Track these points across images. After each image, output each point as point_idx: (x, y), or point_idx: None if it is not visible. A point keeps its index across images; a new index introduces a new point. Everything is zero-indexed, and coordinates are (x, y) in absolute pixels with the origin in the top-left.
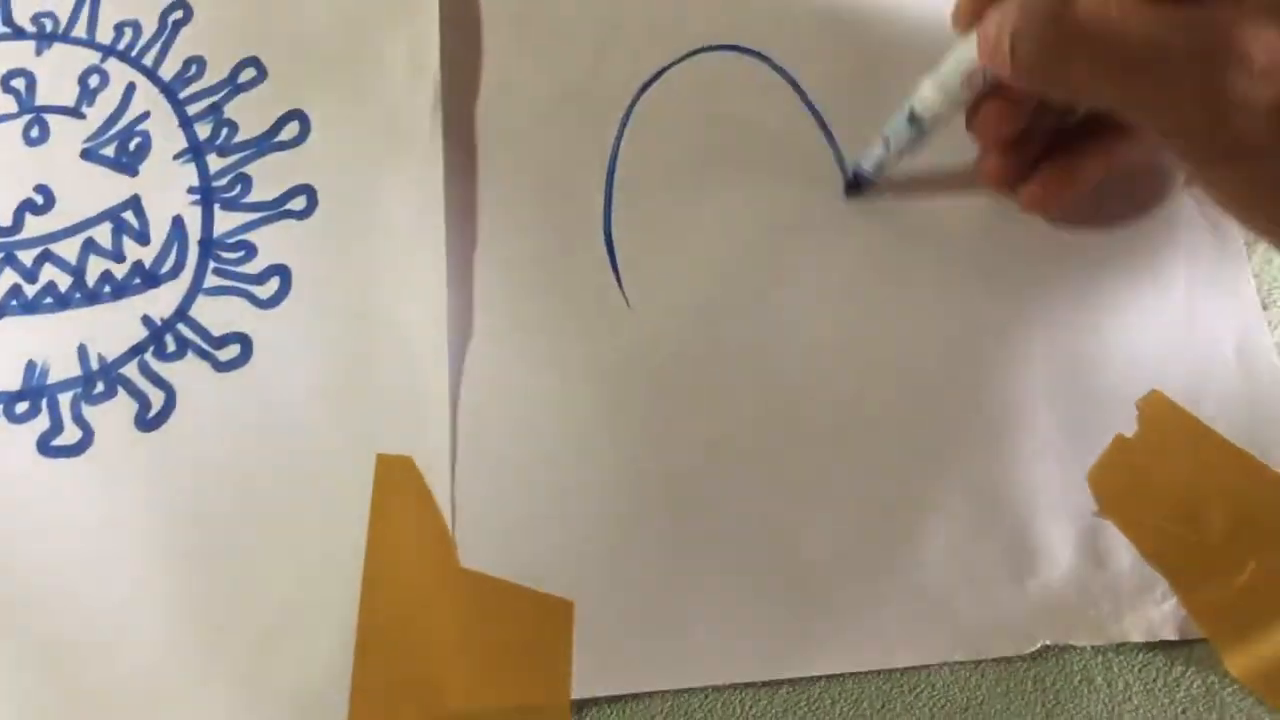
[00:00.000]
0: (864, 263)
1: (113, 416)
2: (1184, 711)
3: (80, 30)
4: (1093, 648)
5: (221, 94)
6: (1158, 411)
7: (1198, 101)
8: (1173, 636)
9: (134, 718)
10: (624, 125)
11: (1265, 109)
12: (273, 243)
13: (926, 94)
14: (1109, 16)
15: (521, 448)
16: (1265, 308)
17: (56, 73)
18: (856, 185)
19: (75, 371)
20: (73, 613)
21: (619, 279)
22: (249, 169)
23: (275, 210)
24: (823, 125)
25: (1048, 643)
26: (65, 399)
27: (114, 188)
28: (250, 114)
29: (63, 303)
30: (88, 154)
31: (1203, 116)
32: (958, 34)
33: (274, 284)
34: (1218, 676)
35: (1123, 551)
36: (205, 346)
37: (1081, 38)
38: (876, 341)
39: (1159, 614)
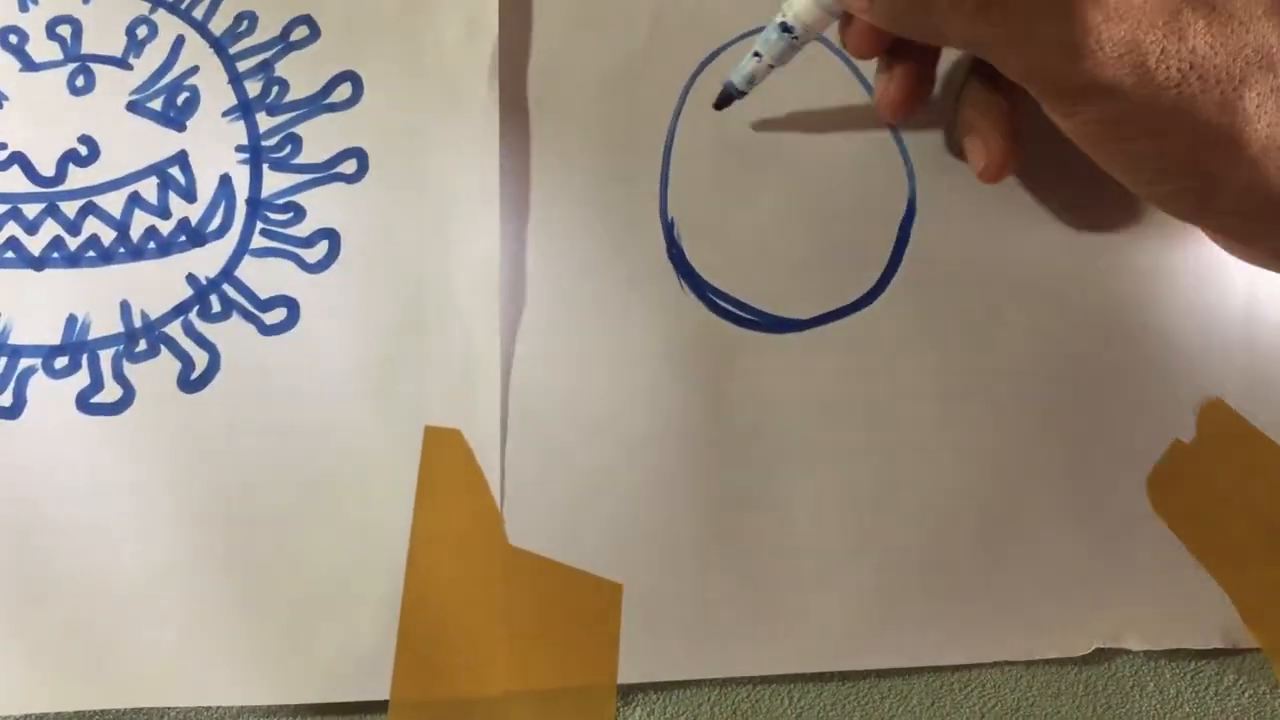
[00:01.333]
0: (926, 255)
1: (155, 375)
2: None
3: None
4: (1144, 653)
5: (273, 51)
6: (1217, 419)
7: (1054, 42)
8: (1225, 645)
9: (170, 681)
10: (682, 102)
11: (1117, 46)
12: (322, 205)
13: (798, 4)
14: None
15: (573, 425)
16: None
17: (104, 21)
18: (726, 99)
19: (117, 328)
20: (109, 573)
21: (673, 259)
22: (299, 129)
23: (325, 172)
24: None
25: (1100, 645)
26: (106, 356)
27: (160, 142)
28: (302, 73)
29: (106, 257)
30: (134, 106)
31: (1059, 56)
32: None
33: (322, 248)
34: (1269, 687)
35: (1179, 558)
36: (251, 308)
37: None
38: (941, 342)
39: (1213, 621)
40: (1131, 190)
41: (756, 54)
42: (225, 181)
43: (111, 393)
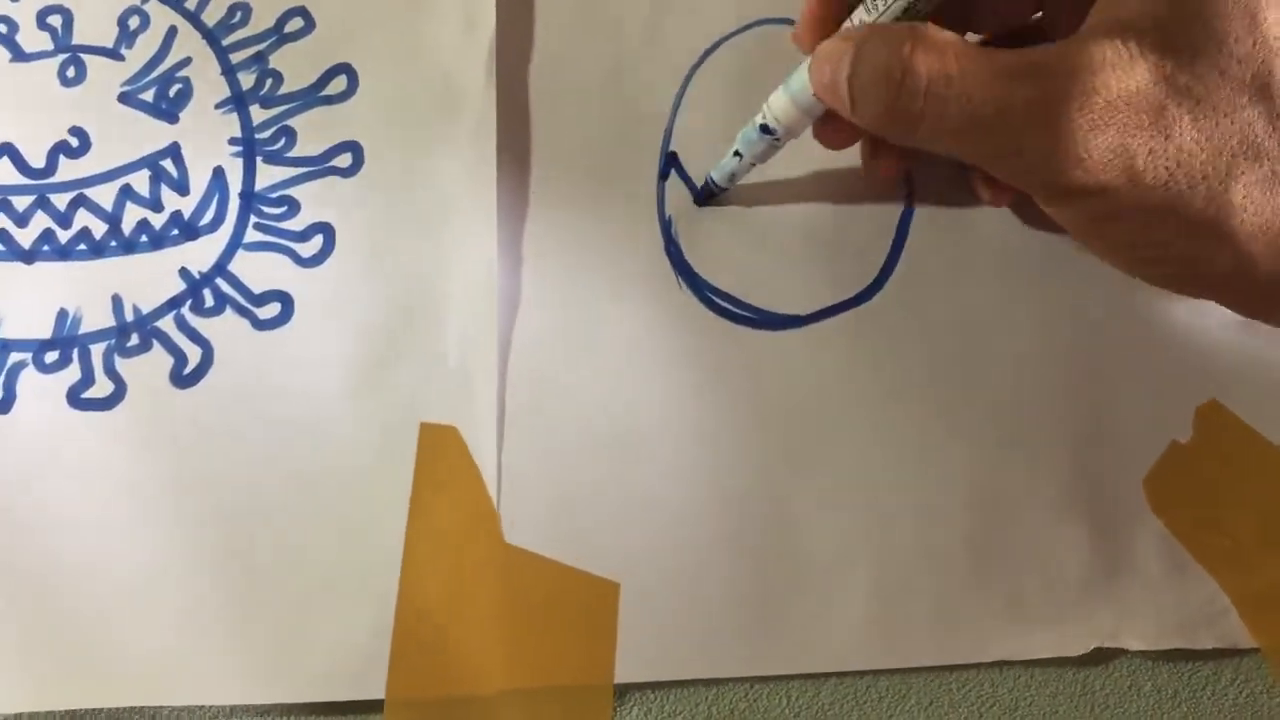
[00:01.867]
0: (925, 251)
1: (147, 370)
2: None
3: None
4: (1142, 653)
5: (267, 43)
6: (1214, 420)
7: (1041, 153)
8: (1223, 645)
9: (163, 677)
10: (680, 98)
11: (1105, 152)
12: (316, 199)
13: (777, 107)
14: (950, 76)
15: (570, 423)
16: None
17: (95, 12)
18: (709, 195)
19: (109, 322)
20: (101, 570)
21: (671, 256)
22: (293, 122)
23: (320, 166)
24: None
25: (1098, 645)
26: (98, 350)
27: (153, 134)
28: (296, 65)
29: (97, 250)
30: (126, 98)
31: (1047, 166)
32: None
33: (317, 242)
34: (1265, 687)
35: (1178, 559)
36: (244, 303)
37: (923, 99)
38: (939, 338)
39: (1211, 622)
40: (1116, 268)
41: (737, 153)
42: (218, 174)
43: (103, 388)
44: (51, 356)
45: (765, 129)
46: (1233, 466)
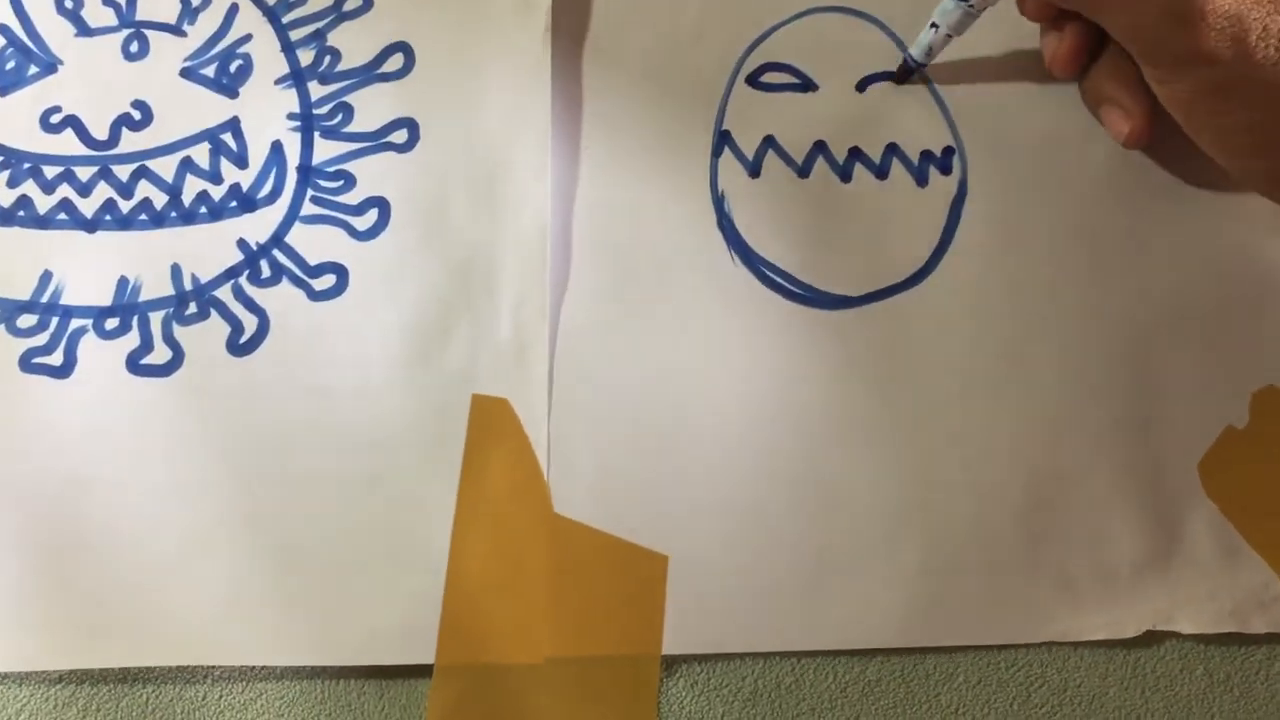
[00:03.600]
0: (977, 234)
1: (204, 338)
2: None
3: None
4: (1194, 636)
5: (326, 20)
6: (1271, 406)
7: (1162, 6)
8: (1277, 630)
9: (215, 640)
10: (732, 82)
11: (1220, 18)
12: (372, 174)
13: None
14: None
15: (620, 396)
16: None
17: None
18: (907, 72)
19: (168, 291)
20: (156, 532)
21: (724, 229)
22: (350, 98)
23: (376, 142)
24: (935, 94)
25: (1150, 628)
26: (156, 318)
27: (213, 108)
28: (354, 43)
29: (158, 221)
30: (187, 73)
31: (1165, 21)
32: None
33: (372, 216)
34: None
35: (1232, 542)
36: (300, 274)
37: None
38: (991, 321)
39: (1265, 608)
40: (1220, 163)
41: (934, 25)
42: (277, 148)
43: (161, 355)
44: (112, 323)
45: None
46: None
